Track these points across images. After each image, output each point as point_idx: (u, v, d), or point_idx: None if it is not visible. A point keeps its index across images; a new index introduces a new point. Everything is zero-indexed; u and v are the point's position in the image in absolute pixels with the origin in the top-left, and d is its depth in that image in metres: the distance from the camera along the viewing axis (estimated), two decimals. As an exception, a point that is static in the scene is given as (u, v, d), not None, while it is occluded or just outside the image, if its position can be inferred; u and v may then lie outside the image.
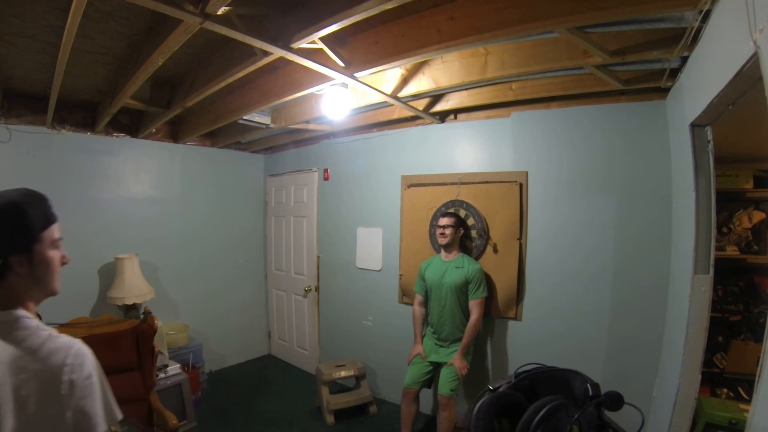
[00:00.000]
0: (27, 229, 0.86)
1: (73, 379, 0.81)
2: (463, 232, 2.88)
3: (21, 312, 0.84)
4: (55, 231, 0.92)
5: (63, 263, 0.94)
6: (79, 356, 0.84)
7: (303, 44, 1.77)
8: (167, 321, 3.62)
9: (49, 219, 0.91)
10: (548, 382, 1.41)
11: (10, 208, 0.84)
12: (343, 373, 3.32)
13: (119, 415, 0.90)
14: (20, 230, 0.85)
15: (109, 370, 0.93)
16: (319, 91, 2.44)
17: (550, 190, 2.69)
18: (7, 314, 0.83)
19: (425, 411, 3.09)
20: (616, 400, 1.21)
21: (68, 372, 0.81)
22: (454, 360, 2.61)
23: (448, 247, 2.80)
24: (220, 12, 1.50)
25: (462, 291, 2.71)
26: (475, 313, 2.68)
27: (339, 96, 2.53)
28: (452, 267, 2.76)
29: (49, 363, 0.80)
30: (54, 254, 0.91)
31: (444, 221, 2.79)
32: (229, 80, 2.19)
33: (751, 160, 2.83)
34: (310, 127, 3.50)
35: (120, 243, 3.44)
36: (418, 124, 3.31)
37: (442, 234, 2.76)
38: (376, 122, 3.34)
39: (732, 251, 2.82)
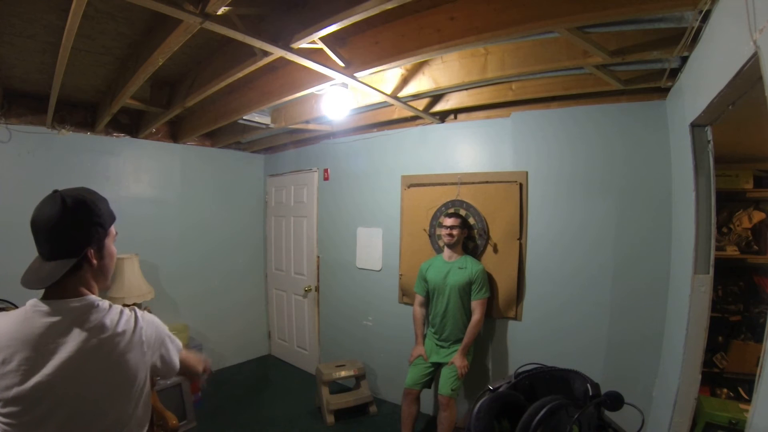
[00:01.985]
0: (101, 224, 0.96)
1: (148, 334, 1.00)
2: (467, 233, 2.88)
3: (93, 296, 0.96)
4: (114, 228, 1.04)
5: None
6: (147, 318, 1.02)
7: (303, 44, 1.77)
8: (167, 321, 3.56)
9: (112, 216, 1.02)
10: (548, 382, 1.41)
11: (88, 205, 0.94)
12: (343, 373, 3.32)
13: (180, 346, 1.17)
14: (96, 225, 0.95)
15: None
16: (319, 91, 2.44)
17: (550, 190, 2.69)
18: (83, 299, 0.93)
19: (426, 411, 3.09)
20: (616, 400, 1.21)
21: (145, 333, 0.99)
22: (455, 359, 2.61)
23: (453, 248, 2.80)
24: (220, 12, 1.50)
25: (465, 291, 2.71)
26: (477, 314, 2.68)
27: (339, 96, 2.53)
28: (455, 268, 2.75)
29: (129, 328, 0.96)
30: (115, 248, 1.04)
31: (450, 221, 2.78)
32: (229, 80, 2.19)
33: (751, 160, 2.83)
34: (310, 127, 3.50)
35: (120, 243, 3.39)
36: (418, 124, 3.31)
37: (450, 234, 2.76)
38: (376, 122, 3.34)
39: (732, 251, 2.82)
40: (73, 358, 0.87)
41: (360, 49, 2.01)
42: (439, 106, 2.89)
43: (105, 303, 0.96)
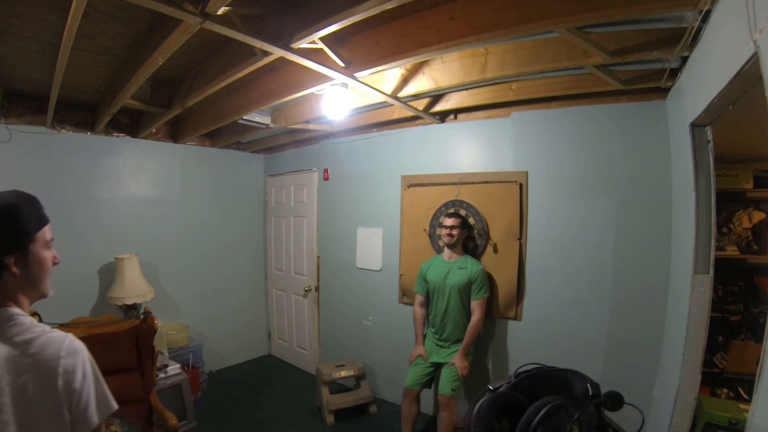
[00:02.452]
0: (22, 229, 0.87)
1: (68, 371, 0.83)
2: (467, 233, 2.88)
3: (15, 309, 0.86)
4: (47, 232, 0.93)
5: (54, 263, 0.95)
6: (72, 348, 0.86)
7: (303, 44, 1.77)
8: (167, 321, 3.62)
9: (42, 219, 0.92)
10: (548, 382, 1.41)
11: (4, 210, 0.85)
12: (343, 373, 3.32)
13: (114, 406, 0.92)
14: (16, 231, 0.86)
15: (109, 370, 0.94)
16: (319, 91, 2.44)
17: (550, 189, 2.69)
18: (1, 311, 0.84)
19: (426, 411, 3.09)
20: (616, 400, 1.22)
21: (62, 365, 0.83)
22: (455, 360, 2.61)
23: (453, 248, 2.80)
24: (220, 12, 1.50)
25: (465, 291, 2.71)
26: (477, 314, 2.68)
27: (339, 96, 2.53)
28: (455, 268, 2.75)
29: (44, 357, 0.82)
30: (47, 254, 0.93)
31: (450, 222, 2.78)
32: (229, 80, 2.19)
33: (751, 160, 2.83)
34: (310, 127, 3.50)
35: (120, 243, 3.44)
36: (418, 124, 3.31)
37: (450, 234, 2.76)
38: (376, 122, 3.34)
39: (732, 251, 2.82)
40: None
41: (360, 49, 2.01)
42: (439, 106, 2.89)
43: (26, 320, 0.86)
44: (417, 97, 2.74)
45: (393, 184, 3.42)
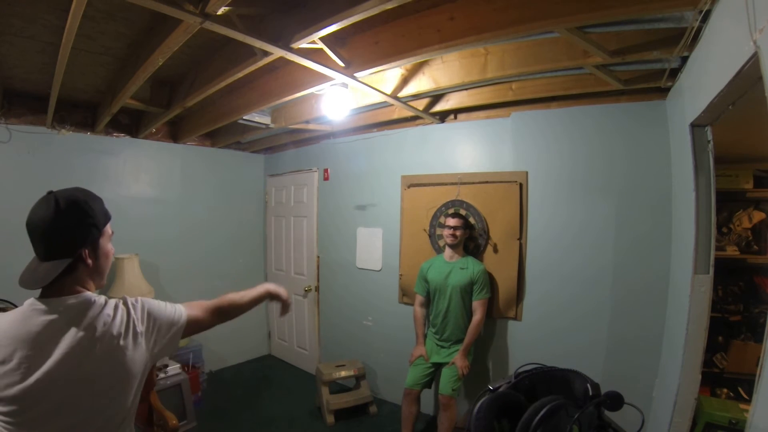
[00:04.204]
0: (95, 224, 0.96)
1: (143, 322, 1.00)
2: (469, 233, 2.88)
3: (89, 294, 0.96)
4: (109, 227, 1.03)
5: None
6: (139, 306, 1.01)
7: (303, 44, 1.77)
8: (167, 321, 3.61)
9: (107, 215, 1.02)
10: (548, 382, 1.41)
11: (80, 207, 0.94)
12: (343, 373, 3.32)
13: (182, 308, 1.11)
14: (90, 225, 0.95)
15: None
16: (319, 91, 2.44)
17: (550, 190, 2.69)
18: (79, 296, 0.94)
19: (426, 411, 3.09)
20: (616, 400, 1.21)
21: (136, 323, 0.98)
22: (456, 359, 2.61)
23: (454, 248, 2.80)
24: (220, 12, 1.50)
25: (467, 292, 2.71)
26: (478, 314, 2.68)
27: (339, 96, 2.53)
28: (457, 268, 2.75)
29: (123, 322, 0.96)
30: (111, 247, 1.04)
31: (453, 222, 2.77)
32: (229, 80, 2.19)
33: (751, 160, 2.83)
34: (310, 127, 3.50)
35: (120, 243, 3.40)
36: (418, 124, 3.31)
37: (453, 235, 2.75)
38: (376, 122, 3.34)
39: (732, 251, 2.82)
40: (72, 355, 0.87)
41: (360, 49, 2.01)
42: (439, 106, 2.89)
43: (101, 299, 0.97)
44: (417, 97, 2.74)
45: (393, 184, 3.42)
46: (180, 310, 1.10)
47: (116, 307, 0.97)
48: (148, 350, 1.00)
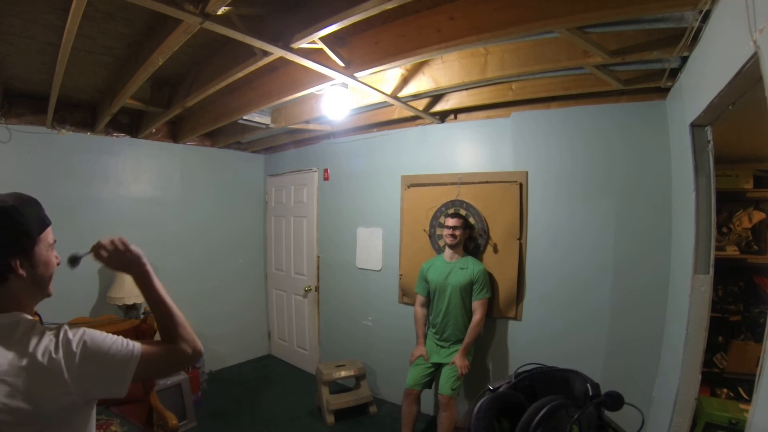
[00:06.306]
0: (26, 232, 0.87)
1: (72, 360, 0.83)
2: (469, 233, 2.87)
3: (18, 314, 0.87)
4: (49, 234, 0.94)
5: (56, 264, 0.96)
6: (76, 340, 0.86)
7: (303, 44, 1.77)
8: (167, 321, 3.61)
9: (44, 222, 0.93)
10: (548, 382, 1.41)
11: (7, 213, 0.85)
12: (343, 373, 3.32)
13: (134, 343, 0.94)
14: (18, 233, 0.86)
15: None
16: (319, 91, 2.44)
17: (550, 190, 2.69)
18: (9, 316, 0.85)
19: (426, 411, 3.09)
20: (616, 400, 1.21)
21: (64, 360, 0.83)
22: (456, 359, 2.61)
23: (454, 248, 2.80)
24: (220, 12, 1.50)
25: (467, 291, 2.71)
26: (478, 314, 2.68)
27: (339, 96, 2.53)
28: (457, 268, 2.75)
29: (48, 353, 0.82)
30: (51, 256, 0.94)
31: (453, 222, 2.77)
32: (229, 80, 2.19)
33: (751, 160, 2.83)
34: (310, 127, 3.50)
35: (120, 243, 3.43)
36: (418, 124, 3.31)
37: (452, 235, 2.75)
38: (376, 122, 3.34)
39: (732, 251, 2.81)
40: None
41: (360, 49, 2.01)
42: (439, 106, 2.89)
43: (30, 322, 0.87)
44: (417, 97, 2.74)
45: (393, 184, 3.42)
46: (133, 345, 0.94)
47: (42, 335, 0.85)
48: (72, 390, 0.83)
